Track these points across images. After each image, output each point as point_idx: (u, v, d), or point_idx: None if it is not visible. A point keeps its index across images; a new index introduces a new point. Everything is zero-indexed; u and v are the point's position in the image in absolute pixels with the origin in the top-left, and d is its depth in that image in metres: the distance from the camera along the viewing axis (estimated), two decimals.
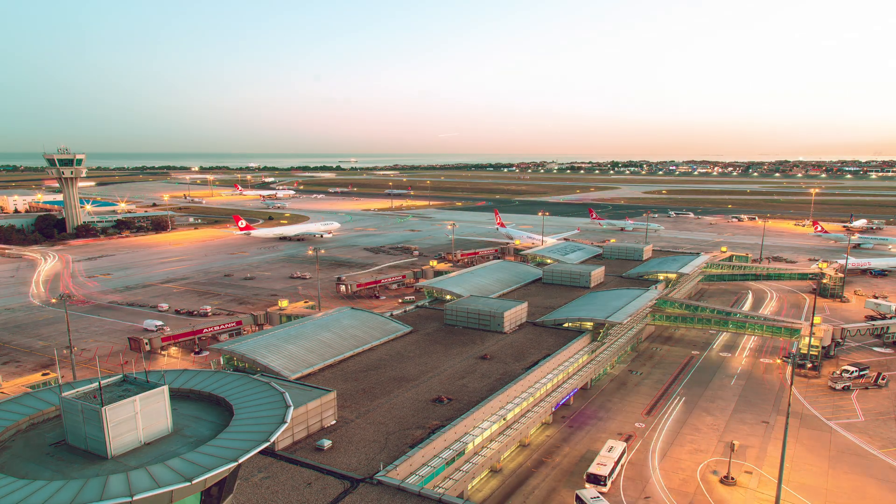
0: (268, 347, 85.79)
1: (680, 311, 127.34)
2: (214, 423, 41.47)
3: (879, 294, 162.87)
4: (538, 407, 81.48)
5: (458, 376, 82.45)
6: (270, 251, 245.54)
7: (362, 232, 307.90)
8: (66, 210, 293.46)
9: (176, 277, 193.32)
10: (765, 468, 74.98)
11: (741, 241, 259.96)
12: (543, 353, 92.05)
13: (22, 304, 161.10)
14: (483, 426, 69.59)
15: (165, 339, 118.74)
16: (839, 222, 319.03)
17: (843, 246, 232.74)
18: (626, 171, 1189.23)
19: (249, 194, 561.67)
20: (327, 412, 66.51)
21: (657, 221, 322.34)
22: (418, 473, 58.55)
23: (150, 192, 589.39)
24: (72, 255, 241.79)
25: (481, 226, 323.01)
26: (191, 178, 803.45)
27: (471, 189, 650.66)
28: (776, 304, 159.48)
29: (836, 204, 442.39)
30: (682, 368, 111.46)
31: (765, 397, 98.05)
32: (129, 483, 32.55)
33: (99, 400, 37.67)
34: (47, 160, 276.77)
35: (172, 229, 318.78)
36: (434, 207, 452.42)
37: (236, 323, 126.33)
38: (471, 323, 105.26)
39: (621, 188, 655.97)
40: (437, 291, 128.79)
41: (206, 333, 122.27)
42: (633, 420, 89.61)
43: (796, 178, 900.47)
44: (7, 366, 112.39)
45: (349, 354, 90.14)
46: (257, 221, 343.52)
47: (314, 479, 54.77)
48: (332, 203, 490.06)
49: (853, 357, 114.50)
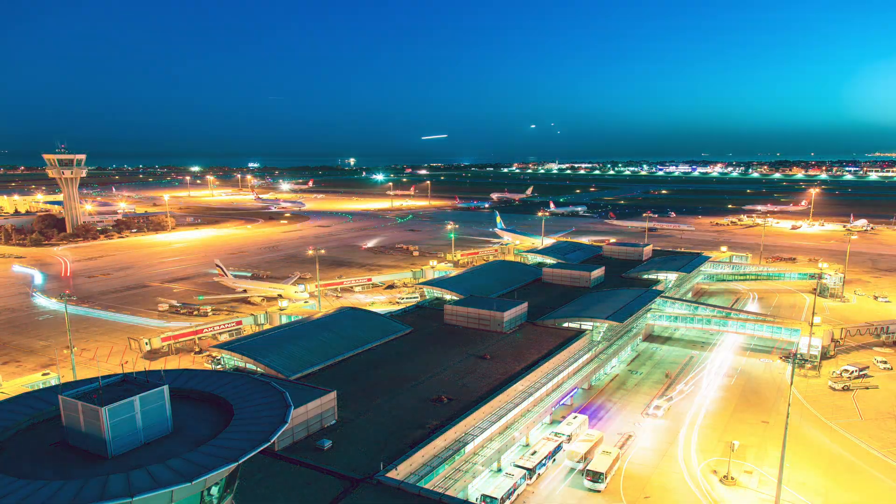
0: (268, 347, 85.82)
1: (680, 311, 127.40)
2: (214, 423, 41.49)
3: (880, 294, 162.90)
4: (538, 407, 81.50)
5: (458, 376, 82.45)
6: (270, 251, 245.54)
7: (362, 232, 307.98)
8: (66, 210, 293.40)
9: (176, 277, 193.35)
10: (765, 468, 75.01)
11: (741, 241, 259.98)
12: (543, 354, 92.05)
13: (22, 304, 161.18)
14: (483, 426, 69.60)
15: (165, 338, 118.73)
16: (840, 222, 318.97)
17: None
18: (626, 171, 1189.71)
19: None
20: (327, 412, 66.50)
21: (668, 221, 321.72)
22: (418, 473, 58.53)
23: (149, 192, 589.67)
24: (72, 256, 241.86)
25: (481, 226, 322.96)
26: (190, 178, 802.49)
27: (471, 189, 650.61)
28: (776, 303, 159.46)
29: (836, 204, 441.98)
30: (682, 368, 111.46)
31: (765, 397, 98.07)
32: (129, 483, 32.57)
33: (99, 400, 37.69)
34: (47, 161, 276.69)
35: (173, 229, 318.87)
36: (434, 207, 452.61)
37: (236, 323, 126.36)
38: (471, 323, 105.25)
39: (619, 188, 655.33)
40: (437, 291, 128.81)
41: (207, 333, 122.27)
42: (633, 420, 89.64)
43: (796, 178, 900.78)
44: (7, 366, 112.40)
45: (349, 354, 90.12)
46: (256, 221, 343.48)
47: (314, 479, 54.75)
48: (332, 203, 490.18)
49: (853, 357, 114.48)
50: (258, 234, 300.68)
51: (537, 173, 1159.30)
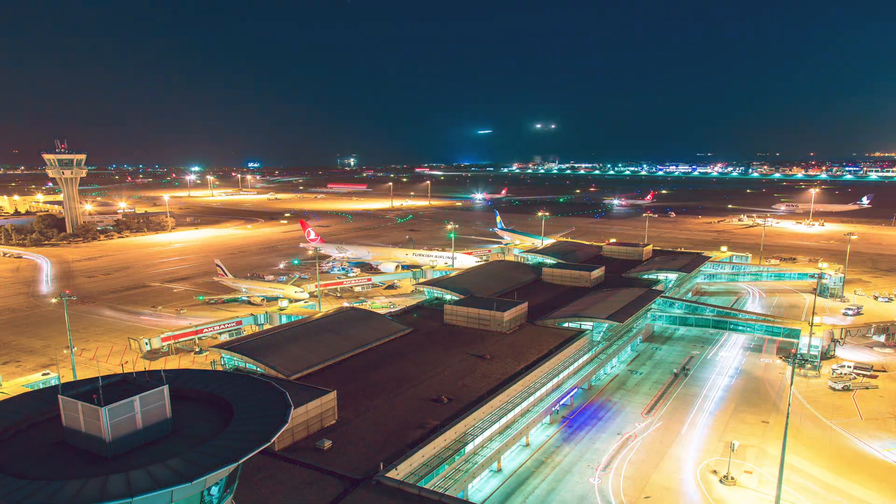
0: (268, 347, 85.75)
1: (680, 312, 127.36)
2: (214, 423, 41.44)
3: (880, 294, 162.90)
4: (538, 407, 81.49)
5: (458, 376, 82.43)
6: (270, 252, 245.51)
7: (362, 232, 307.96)
8: (66, 210, 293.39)
9: (176, 277, 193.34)
10: (765, 468, 75.01)
11: (741, 241, 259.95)
12: (543, 353, 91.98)
13: (22, 304, 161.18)
14: (483, 426, 69.59)
15: (165, 338, 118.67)
16: (841, 222, 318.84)
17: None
18: (626, 171, 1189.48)
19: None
20: (327, 412, 66.46)
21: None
22: (418, 473, 58.49)
23: (149, 192, 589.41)
24: (71, 256, 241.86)
25: (481, 226, 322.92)
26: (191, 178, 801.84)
27: (471, 189, 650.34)
28: (776, 303, 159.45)
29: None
30: (682, 368, 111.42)
31: (765, 397, 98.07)
32: (128, 483, 32.54)
33: (99, 400, 37.62)
34: (46, 160, 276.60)
35: (173, 229, 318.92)
36: (434, 207, 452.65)
37: (236, 323, 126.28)
38: (471, 323, 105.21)
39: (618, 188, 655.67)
40: (437, 291, 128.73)
41: (207, 333, 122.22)
42: (633, 420, 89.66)
43: (795, 178, 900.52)
44: (7, 366, 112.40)
45: (349, 354, 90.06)
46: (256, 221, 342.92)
47: (314, 479, 54.71)
48: (331, 203, 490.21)
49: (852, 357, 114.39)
50: (258, 235, 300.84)
51: (537, 173, 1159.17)
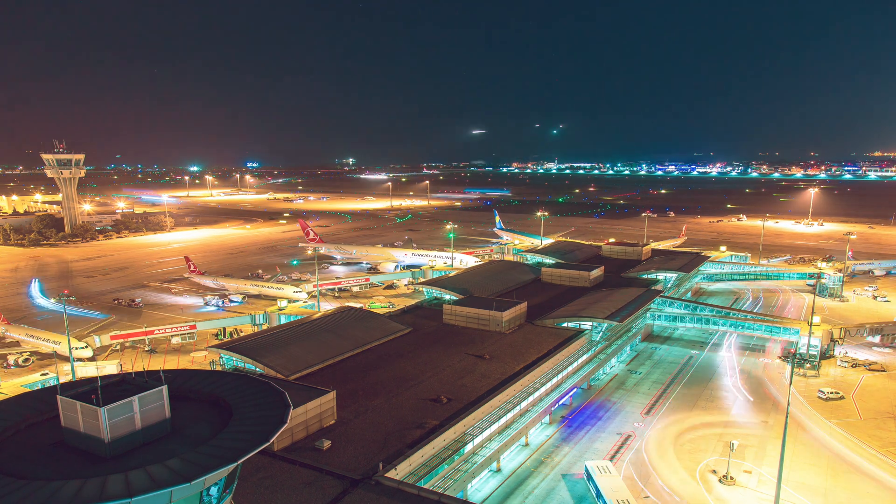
0: (267, 347, 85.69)
1: (679, 311, 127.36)
2: (213, 423, 41.34)
3: (879, 293, 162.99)
4: (537, 407, 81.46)
5: (458, 376, 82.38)
6: (269, 252, 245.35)
7: (360, 232, 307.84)
8: (65, 210, 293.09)
9: (176, 277, 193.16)
10: (764, 467, 75.02)
11: (741, 241, 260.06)
12: (542, 353, 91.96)
13: (21, 304, 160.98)
14: (482, 426, 69.56)
15: (114, 337, 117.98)
16: (839, 222, 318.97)
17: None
18: (625, 171, 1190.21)
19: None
20: (326, 412, 66.41)
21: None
22: (417, 473, 58.46)
23: (149, 192, 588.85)
24: (70, 256, 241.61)
25: (480, 226, 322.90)
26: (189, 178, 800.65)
27: (470, 189, 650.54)
28: (775, 303, 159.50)
29: (835, 204, 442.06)
30: (682, 368, 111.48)
31: (764, 397, 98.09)
32: (127, 483, 32.45)
33: (97, 400, 37.53)
34: (45, 160, 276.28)
35: (171, 229, 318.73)
36: (434, 207, 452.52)
37: (190, 327, 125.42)
38: (470, 323, 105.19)
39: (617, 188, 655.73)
40: (436, 291, 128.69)
41: (158, 335, 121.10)
42: (633, 420, 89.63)
43: (794, 177, 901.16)
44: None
45: (349, 354, 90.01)
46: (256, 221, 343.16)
47: (313, 479, 54.65)
48: (332, 203, 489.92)
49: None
50: (257, 234, 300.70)
51: (536, 173, 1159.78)
